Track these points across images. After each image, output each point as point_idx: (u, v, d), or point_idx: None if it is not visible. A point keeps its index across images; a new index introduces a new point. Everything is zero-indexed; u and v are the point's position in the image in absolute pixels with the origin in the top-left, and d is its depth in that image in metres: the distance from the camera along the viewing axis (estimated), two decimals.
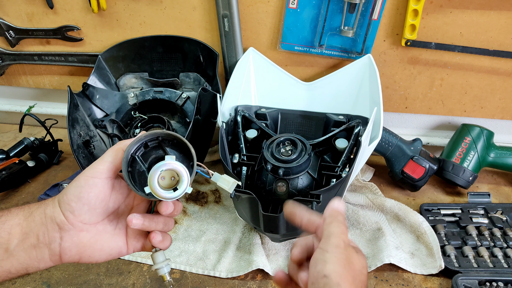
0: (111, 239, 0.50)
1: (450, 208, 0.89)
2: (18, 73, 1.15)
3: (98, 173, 0.47)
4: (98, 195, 0.47)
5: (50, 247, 0.46)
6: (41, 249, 0.46)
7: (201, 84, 1.01)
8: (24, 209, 0.47)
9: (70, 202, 0.46)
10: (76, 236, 0.47)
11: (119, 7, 0.98)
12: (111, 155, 0.48)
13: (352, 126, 0.82)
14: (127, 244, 0.52)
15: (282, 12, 0.91)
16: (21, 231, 0.45)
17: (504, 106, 0.98)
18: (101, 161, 0.48)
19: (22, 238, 0.45)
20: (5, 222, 0.46)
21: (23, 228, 0.46)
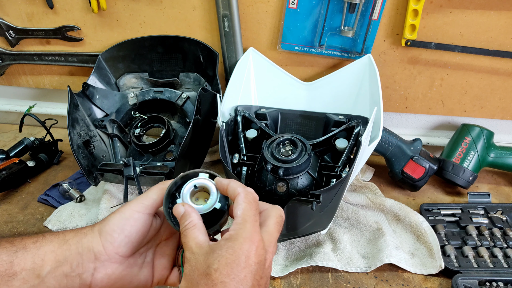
0: (139, 271, 0.51)
1: (450, 208, 0.89)
2: (18, 73, 1.15)
3: (143, 208, 0.48)
4: (140, 229, 0.48)
5: (82, 277, 0.46)
6: (72, 278, 0.46)
7: (201, 84, 1.01)
8: (59, 236, 0.47)
9: (113, 232, 0.47)
10: (110, 267, 0.47)
11: (119, 7, 0.98)
12: (156, 192, 0.49)
13: (352, 126, 0.82)
14: (153, 277, 0.52)
15: (282, 12, 0.91)
16: (55, 259, 0.45)
17: (504, 106, 0.98)
18: (147, 197, 0.49)
19: (55, 266, 0.45)
20: (39, 248, 0.45)
21: (57, 256, 0.45)
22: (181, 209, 0.46)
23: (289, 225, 0.69)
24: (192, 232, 0.44)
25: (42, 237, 0.46)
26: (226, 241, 0.41)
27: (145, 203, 0.48)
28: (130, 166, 0.84)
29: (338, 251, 0.78)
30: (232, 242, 0.41)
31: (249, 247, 0.41)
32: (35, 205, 0.93)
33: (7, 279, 0.42)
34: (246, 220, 0.43)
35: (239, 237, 0.41)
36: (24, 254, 0.44)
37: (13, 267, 0.43)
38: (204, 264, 0.40)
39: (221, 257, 0.40)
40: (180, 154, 0.83)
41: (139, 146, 0.95)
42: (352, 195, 0.91)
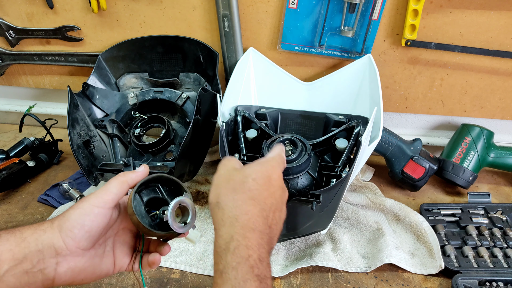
0: (101, 261, 0.52)
1: (450, 208, 0.89)
2: (18, 73, 1.15)
3: (103, 203, 0.49)
4: (100, 224, 0.49)
5: (44, 272, 0.46)
6: (34, 274, 0.46)
7: (201, 84, 1.01)
8: (15, 233, 0.46)
9: (73, 229, 0.47)
10: (73, 261, 0.48)
11: (119, 7, 0.98)
12: (115, 186, 0.51)
13: (352, 126, 0.82)
14: (114, 265, 0.54)
15: (282, 12, 0.91)
16: (13, 257, 0.44)
17: (504, 106, 0.98)
18: (107, 191, 0.50)
19: (13, 264, 0.44)
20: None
21: (15, 254, 0.45)
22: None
23: (289, 225, 0.69)
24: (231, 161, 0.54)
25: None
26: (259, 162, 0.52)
27: (104, 198, 0.49)
28: (130, 166, 0.84)
29: (338, 251, 0.78)
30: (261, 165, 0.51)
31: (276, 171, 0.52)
32: (35, 205, 0.93)
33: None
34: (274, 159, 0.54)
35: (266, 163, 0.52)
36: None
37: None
38: (240, 175, 0.49)
39: (256, 171, 0.49)
40: (180, 154, 0.83)
41: (139, 146, 0.95)
42: (352, 195, 0.91)
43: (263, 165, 0.51)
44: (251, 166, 0.50)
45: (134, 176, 0.52)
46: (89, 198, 0.49)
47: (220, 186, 0.49)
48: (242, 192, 0.47)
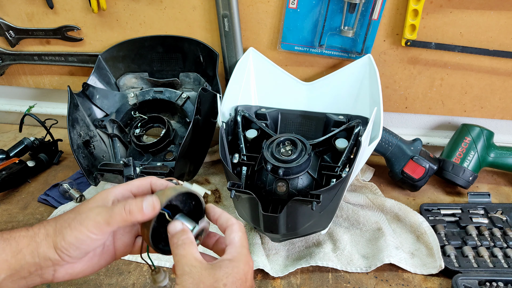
0: (101, 258, 0.51)
1: (450, 208, 0.89)
2: (18, 73, 1.15)
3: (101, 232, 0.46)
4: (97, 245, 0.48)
5: (43, 276, 0.46)
6: (32, 278, 0.46)
7: (201, 84, 1.01)
8: (11, 243, 0.45)
9: (69, 249, 0.45)
10: (71, 268, 0.48)
11: (119, 7, 0.98)
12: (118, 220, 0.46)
13: (352, 126, 0.82)
14: (115, 255, 0.53)
15: (282, 12, 0.91)
16: (9, 267, 0.44)
17: (504, 106, 0.98)
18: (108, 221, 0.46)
19: (10, 273, 0.44)
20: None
21: (12, 265, 0.44)
22: (179, 226, 0.48)
23: (289, 225, 0.69)
24: (190, 248, 0.46)
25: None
26: (230, 261, 0.46)
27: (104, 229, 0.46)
28: (130, 166, 0.84)
29: (338, 251, 0.78)
30: (236, 263, 0.45)
31: (248, 269, 0.46)
32: (35, 205, 0.93)
33: None
34: (244, 246, 0.48)
35: (241, 260, 0.46)
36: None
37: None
38: (211, 278, 0.43)
39: (228, 275, 0.44)
40: (180, 154, 0.83)
41: (139, 146, 0.95)
42: (352, 195, 0.91)
43: (235, 266, 0.45)
44: (222, 267, 0.44)
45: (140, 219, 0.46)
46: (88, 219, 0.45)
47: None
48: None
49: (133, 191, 0.51)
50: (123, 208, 0.46)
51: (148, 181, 0.52)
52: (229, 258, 0.46)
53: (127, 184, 0.51)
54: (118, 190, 0.50)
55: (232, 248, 0.47)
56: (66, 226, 0.46)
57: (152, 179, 0.52)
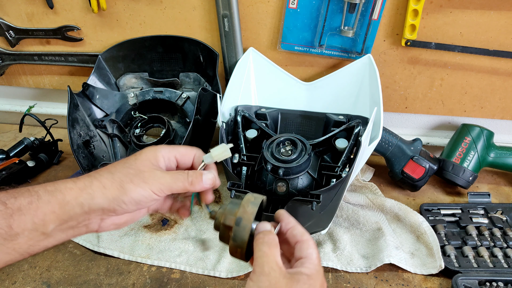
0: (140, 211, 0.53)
1: (450, 208, 0.89)
2: (18, 73, 1.15)
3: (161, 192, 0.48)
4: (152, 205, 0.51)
5: (89, 226, 0.48)
6: (79, 228, 0.47)
7: (201, 84, 1.01)
8: (56, 195, 0.45)
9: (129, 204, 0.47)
10: (117, 219, 0.49)
11: (119, 7, 0.98)
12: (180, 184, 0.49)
13: (352, 126, 0.82)
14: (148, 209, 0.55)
15: (282, 12, 0.91)
16: (57, 218, 0.45)
17: (504, 106, 0.98)
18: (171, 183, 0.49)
19: (59, 223, 0.45)
20: (36, 209, 0.44)
21: (60, 216, 0.45)
22: (268, 226, 0.49)
23: None
24: (275, 249, 0.46)
25: (36, 196, 0.45)
26: (309, 278, 0.45)
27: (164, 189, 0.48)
28: None
29: (338, 251, 0.78)
30: (313, 281, 0.45)
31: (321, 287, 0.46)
32: None
33: (10, 239, 0.43)
34: (320, 265, 0.47)
35: (318, 279, 0.45)
36: (21, 217, 0.43)
37: (13, 229, 0.43)
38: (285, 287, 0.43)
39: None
40: None
41: (139, 146, 0.95)
42: (352, 195, 0.91)
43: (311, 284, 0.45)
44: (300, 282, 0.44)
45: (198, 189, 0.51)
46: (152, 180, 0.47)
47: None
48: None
49: (177, 157, 0.52)
50: (187, 178, 0.49)
51: (193, 153, 0.53)
52: (308, 274, 0.45)
53: (173, 148, 0.52)
54: (165, 152, 0.51)
55: (310, 263, 0.46)
56: (128, 181, 0.47)
57: (197, 152, 0.53)
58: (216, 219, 0.50)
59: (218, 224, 0.50)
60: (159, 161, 0.50)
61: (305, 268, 0.45)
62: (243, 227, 0.46)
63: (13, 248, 0.43)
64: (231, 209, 0.49)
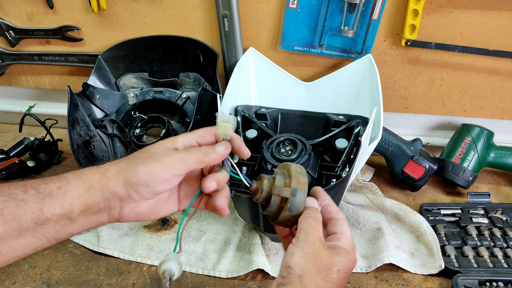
0: (166, 204, 0.53)
1: (450, 208, 0.89)
2: (18, 73, 1.15)
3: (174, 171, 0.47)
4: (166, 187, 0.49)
5: (110, 213, 0.48)
6: (101, 215, 0.48)
7: (201, 84, 1.01)
8: (83, 179, 0.47)
9: (139, 186, 0.47)
10: (136, 207, 0.49)
11: (119, 7, 0.98)
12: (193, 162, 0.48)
13: (352, 126, 0.82)
14: (179, 204, 0.55)
15: (282, 12, 0.91)
16: (83, 203, 0.46)
17: (504, 106, 0.98)
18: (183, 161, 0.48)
19: (84, 209, 0.46)
20: (65, 193, 0.46)
21: (85, 200, 0.46)
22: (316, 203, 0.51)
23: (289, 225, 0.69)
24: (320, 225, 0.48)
25: (66, 181, 0.46)
26: (346, 252, 0.47)
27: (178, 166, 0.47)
28: None
29: None
30: (350, 255, 0.48)
31: (354, 265, 0.49)
32: None
33: (40, 224, 0.44)
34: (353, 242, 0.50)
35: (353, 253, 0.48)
36: (51, 201, 0.45)
37: (44, 214, 0.44)
38: (328, 258, 0.46)
39: (343, 264, 0.46)
40: None
41: (139, 146, 0.95)
42: (352, 195, 0.91)
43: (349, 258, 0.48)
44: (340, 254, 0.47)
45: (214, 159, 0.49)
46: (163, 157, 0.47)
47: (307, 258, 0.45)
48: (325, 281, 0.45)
49: (198, 140, 0.52)
50: (200, 150, 0.49)
51: (212, 132, 0.53)
52: (345, 248, 0.47)
53: (193, 133, 0.52)
54: (184, 137, 0.51)
55: (346, 239, 0.48)
56: (139, 163, 0.47)
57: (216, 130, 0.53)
58: (263, 191, 0.50)
59: (266, 196, 0.50)
60: (177, 146, 0.50)
61: (342, 243, 0.48)
62: (299, 197, 0.48)
63: (42, 232, 0.44)
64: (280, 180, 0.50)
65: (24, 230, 0.43)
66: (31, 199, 0.44)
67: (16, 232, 0.43)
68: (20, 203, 0.44)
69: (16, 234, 0.43)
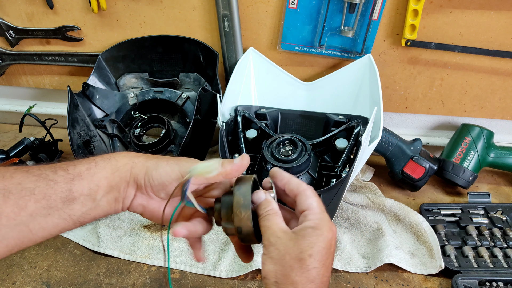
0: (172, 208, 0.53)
1: (450, 208, 0.89)
2: (18, 73, 1.15)
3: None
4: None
5: (124, 202, 0.49)
6: (118, 201, 0.49)
7: (201, 84, 1.01)
8: (111, 161, 0.49)
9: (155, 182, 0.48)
10: (146, 201, 0.50)
11: (119, 7, 0.98)
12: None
13: (352, 126, 0.82)
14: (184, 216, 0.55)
15: (282, 12, 0.91)
16: (108, 184, 0.47)
17: (504, 106, 0.98)
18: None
19: (108, 191, 0.47)
20: (93, 174, 0.47)
21: (110, 182, 0.47)
22: (263, 196, 0.48)
23: None
24: (275, 218, 0.46)
25: (94, 163, 0.48)
26: (314, 229, 0.44)
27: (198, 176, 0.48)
28: None
29: (338, 251, 0.78)
30: (320, 231, 0.44)
31: (332, 236, 0.45)
32: None
33: (68, 203, 0.45)
34: (323, 211, 0.46)
35: (324, 227, 0.45)
36: (80, 181, 0.46)
37: (72, 193, 0.45)
38: (295, 249, 0.43)
39: (313, 244, 0.43)
40: (180, 154, 0.83)
41: (139, 146, 0.95)
42: (352, 195, 0.91)
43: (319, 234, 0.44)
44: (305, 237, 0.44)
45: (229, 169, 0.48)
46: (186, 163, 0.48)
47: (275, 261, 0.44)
48: (300, 273, 0.43)
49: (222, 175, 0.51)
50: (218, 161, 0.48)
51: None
52: (312, 226, 0.44)
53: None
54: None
55: (313, 214, 0.46)
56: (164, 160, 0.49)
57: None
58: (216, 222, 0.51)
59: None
60: None
61: (308, 220, 0.45)
62: (246, 233, 0.46)
63: (69, 214, 0.45)
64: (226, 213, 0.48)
65: (53, 209, 0.44)
66: (61, 179, 0.45)
67: (46, 211, 0.44)
68: (50, 183, 0.45)
69: (45, 213, 0.44)
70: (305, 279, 0.43)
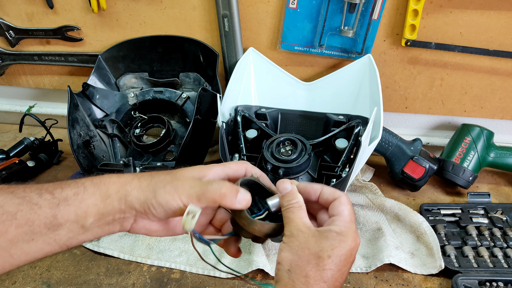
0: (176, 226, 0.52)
1: (450, 208, 0.89)
2: (18, 73, 1.15)
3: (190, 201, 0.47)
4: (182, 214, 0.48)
5: (122, 225, 0.48)
6: (114, 225, 0.47)
7: (201, 84, 1.01)
8: (101, 188, 0.46)
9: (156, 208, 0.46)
10: (148, 224, 0.49)
11: (119, 7, 0.98)
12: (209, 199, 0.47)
13: (352, 126, 0.82)
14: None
15: (282, 12, 0.91)
16: (98, 212, 0.45)
17: (504, 106, 0.98)
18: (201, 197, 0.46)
19: (98, 218, 0.46)
20: (81, 201, 0.45)
21: (100, 209, 0.46)
22: (289, 187, 0.48)
23: None
24: (299, 212, 0.47)
25: (83, 188, 0.46)
26: (338, 234, 0.45)
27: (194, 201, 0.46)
28: (130, 166, 0.84)
29: None
30: (344, 237, 0.44)
31: (354, 246, 0.45)
32: None
33: (53, 229, 0.43)
34: (353, 221, 0.47)
35: (349, 235, 0.45)
36: (66, 208, 0.44)
37: (57, 220, 0.43)
38: (316, 246, 0.44)
39: (334, 248, 0.43)
40: (180, 154, 0.83)
41: (139, 146, 0.95)
42: (352, 195, 0.91)
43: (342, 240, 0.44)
44: (328, 239, 0.44)
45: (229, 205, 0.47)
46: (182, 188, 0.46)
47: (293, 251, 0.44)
48: (315, 270, 0.43)
49: (229, 175, 0.51)
50: (218, 190, 0.46)
51: (244, 167, 0.52)
52: (337, 231, 0.45)
53: (225, 166, 0.51)
54: (216, 170, 0.50)
55: (341, 221, 0.46)
56: (161, 186, 0.47)
57: (247, 166, 0.53)
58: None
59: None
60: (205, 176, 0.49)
61: (335, 225, 0.46)
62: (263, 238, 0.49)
63: (54, 239, 0.44)
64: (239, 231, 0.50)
65: (37, 234, 0.43)
66: (45, 203, 0.44)
67: (28, 237, 0.42)
68: (34, 207, 0.43)
69: (28, 239, 0.42)
70: (318, 277, 0.43)
